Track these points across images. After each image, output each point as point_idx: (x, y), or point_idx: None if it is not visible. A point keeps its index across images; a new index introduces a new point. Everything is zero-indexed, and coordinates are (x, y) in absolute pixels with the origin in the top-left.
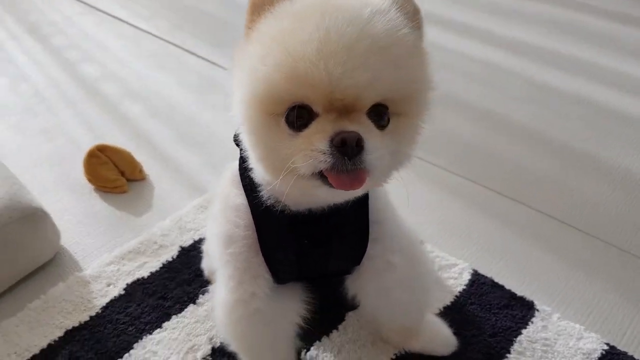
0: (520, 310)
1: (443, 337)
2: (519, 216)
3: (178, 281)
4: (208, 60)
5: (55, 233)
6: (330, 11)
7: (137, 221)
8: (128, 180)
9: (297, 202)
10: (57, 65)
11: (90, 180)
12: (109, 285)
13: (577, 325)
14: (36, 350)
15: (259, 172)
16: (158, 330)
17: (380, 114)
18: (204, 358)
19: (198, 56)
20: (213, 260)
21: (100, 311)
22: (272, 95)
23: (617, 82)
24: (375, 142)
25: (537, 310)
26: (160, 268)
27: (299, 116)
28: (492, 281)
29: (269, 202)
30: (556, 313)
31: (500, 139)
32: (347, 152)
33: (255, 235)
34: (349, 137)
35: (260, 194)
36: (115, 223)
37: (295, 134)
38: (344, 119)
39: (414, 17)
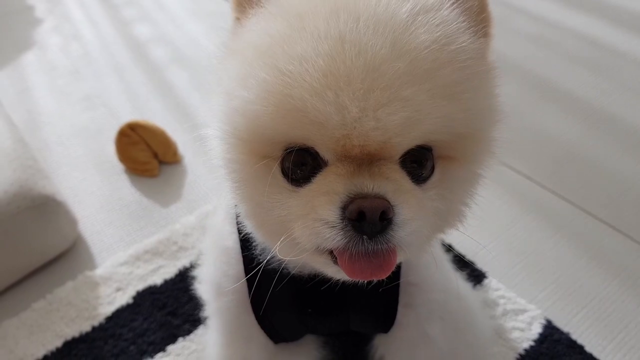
0: None
1: None
2: (621, 253)
3: (191, 294)
4: None
5: (71, 223)
6: (348, 6)
7: (163, 212)
8: (160, 162)
9: (300, 267)
10: (111, 23)
11: (120, 160)
12: (118, 290)
13: None
14: None
15: (250, 229)
16: (160, 354)
17: (420, 161)
18: None
19: None
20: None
21: (104, 322)
22: (257, 134)
23: None
24: (410, 210)
25: None
26: (176, 275)
27: (299, 163)
28: (569, 339)
29: (262, 258)
30: None
31: (608, 143)
32: (366, 230)
33: (246, 289)
34: (370, 209)
35: (254, 245)
36: (139, 212)
37: (294, 190)
38: (365, 172)
39: (479, 17)
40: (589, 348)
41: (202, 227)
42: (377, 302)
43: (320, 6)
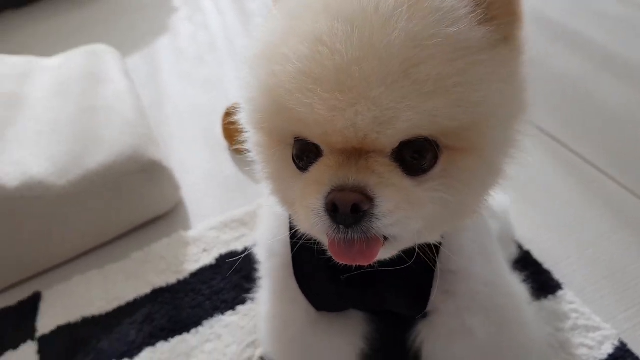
0: None
1: None
2: None
3: None
4: None
5: (174, 188)
6: (333, 7)
7: (254, 188)
8: None
9: None
10: (236, 15)
11: (225, 138)
12: (204, 251)
13: None
14: (122, 302)
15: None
16: (230, 312)
17: (419, 152)
18: (261, 357)
19: None
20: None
21: (188, 277)
22: (269, 125)
23: None
24: (391, 203)
25: None
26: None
27: (303, 151)
28: None
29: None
30: None
31: None
32: (340, 221)
33: (290, 254)
34: (341, 202)
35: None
36: (234, 185)
37: (300, 175)
38: (352, 165)
39: (492, 6)
40: None
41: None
42: (408, 284)
43: (311, 7)
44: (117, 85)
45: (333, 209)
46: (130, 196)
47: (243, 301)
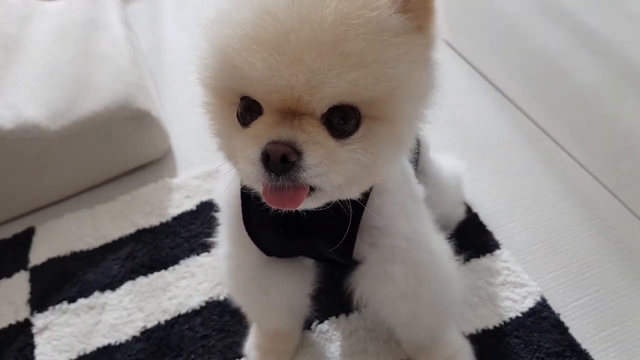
0: None
1: None
2: None
3: None
4: None
5: (163, 137)
6: None
7: None
8: None
9: None
10: None
11: None
12: (186, 197)
13: None
14: (109, 239)
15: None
16: (205, 254)
17: (344, 118)
18: (228, 295)
19: None
20: None
21: (170, 220)
22: (217, 84)
23: None
24: (315, 157)
25: None
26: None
27: (247, 109)
28: (557, 319)
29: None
30: None
31: None
32: (271, 169)
33: (240, 206)
34: (272, 152)
35: None
36: None
37: (242, 130)
38: (286, 124)
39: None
40: (573, 331)
41: None
42: (336, 236)
43: None
44: (115, 32)
45: (266, 158)
46: (120, 143)
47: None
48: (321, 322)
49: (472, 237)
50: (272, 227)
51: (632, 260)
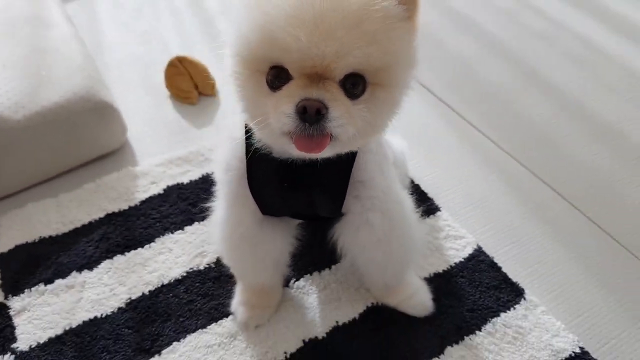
0: (507, 295)
1: (420, 300)
2: (551, 206)
3: (210, 193)
4: None
5: (122, 128)
6: None
7: (196, 133)
8: (200, 93)
9: (278, 151)
10: None
11: (167, 87)
12: (152, 183)
13: (558, 323)
14: (78, 224)
15: (246, 120)
16: (179, 231)
17: (355, 83)
18: (208, 264)
19: None
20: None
21: (138, 204)
22: (253, 55)
23: None
24: (338, 112)
25: (525, 299)
26: (199, 178)
27: (277, 76)
28: (492, 261)
29: (257, 145)
30: (542, 306)
31: (577, 130)
32: (307, 119)
33: (245, 168)
34: (309, 105)
35: (253, 136)
36: (177, 130)
37: (272, 94)
38: (314, 86)
39: None
40: (505, 269)
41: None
42: (332, 190)
43: None
44: (63, 30)
45: (303, 112)
46: (82, 133)
47: (190, 222)
48: (297, 279)
49: (417, 203)
50: (278, 182)
51: (540, 213)
